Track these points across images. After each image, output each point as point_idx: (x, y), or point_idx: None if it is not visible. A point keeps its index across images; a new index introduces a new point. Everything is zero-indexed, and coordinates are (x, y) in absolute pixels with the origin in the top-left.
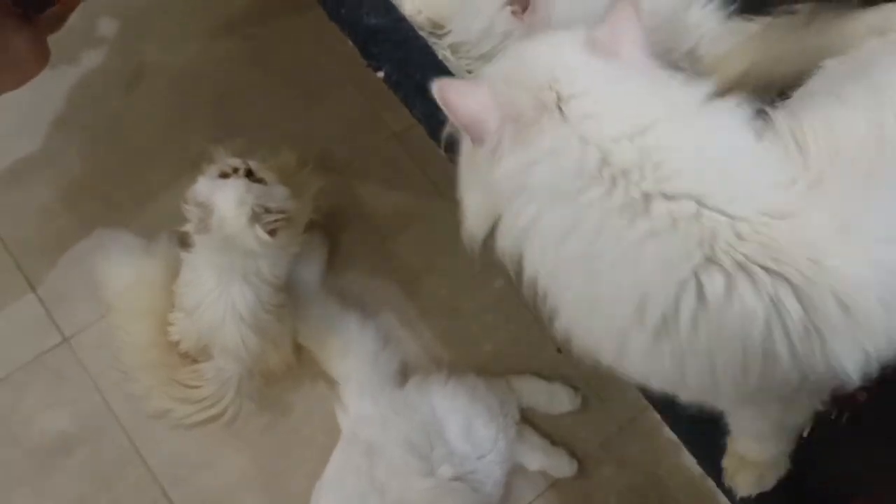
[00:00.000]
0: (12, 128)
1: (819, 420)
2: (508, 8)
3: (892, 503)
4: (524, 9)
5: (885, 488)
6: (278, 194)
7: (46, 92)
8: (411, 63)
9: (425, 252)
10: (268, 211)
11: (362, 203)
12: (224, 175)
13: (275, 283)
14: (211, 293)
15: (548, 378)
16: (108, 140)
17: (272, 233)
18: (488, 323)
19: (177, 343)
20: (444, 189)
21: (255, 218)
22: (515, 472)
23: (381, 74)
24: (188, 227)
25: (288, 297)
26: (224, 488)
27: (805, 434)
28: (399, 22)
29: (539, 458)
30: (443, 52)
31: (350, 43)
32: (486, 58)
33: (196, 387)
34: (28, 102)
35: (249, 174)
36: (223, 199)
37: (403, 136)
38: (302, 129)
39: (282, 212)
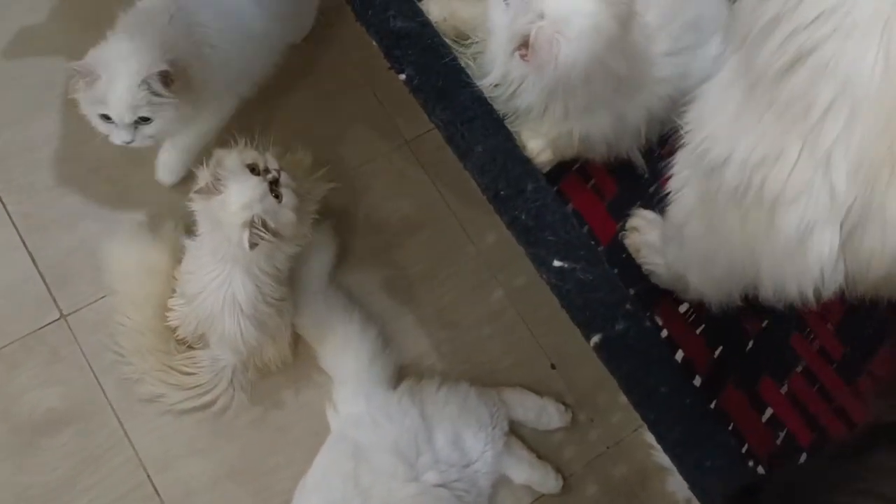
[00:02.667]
0: (24, 105)
1: None
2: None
3: None
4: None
5: None
6: (285, 218)
7: (59, 71)
8: (434, 68)
9: (428, 260)
10: (265, 226)
11: (370, 207)
12: (253, 168)
13: (276, 276)
14: (212, 282)
15: (539, 393)
16: None
17: (252, 246)
18: (484, 335)
19: (174, 329)
20: (451, 200)
21: (250, 225)
22: (500, 484)
23: (402, 77)
24: (194, 192)
25: (290, 291)
26: (209, 478)
27: None
28: (424, 27)
29: (525, 472)
30: (466, 61)
31: (369, 47)
32: (512, 99)
33: (190, 374)
34: (39, 82)
35: (275, 183)
36: (238, 191)
37: (415, 145)
38: (314, 131)
39: (276, 234)
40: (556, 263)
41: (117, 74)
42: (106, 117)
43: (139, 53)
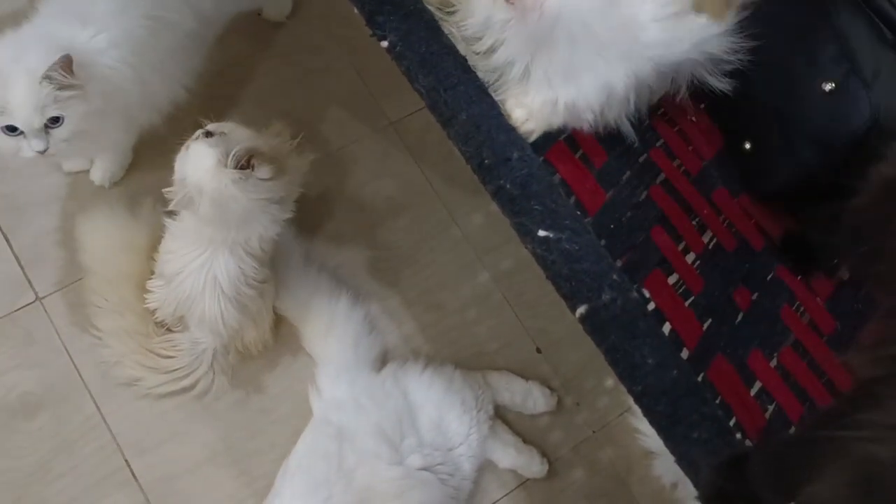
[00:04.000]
0: None
1: None
2: None
3: None
4: None
5: None
6: (240, 136)
7: None
8: (416, 36)
9: (412, 242)
10: (233, 155)
11: (353, 188)
12: (188, 148)
13: (261, 258)
14: (193, 262)
15: (525, 377)
16: None
17: (245, 168)
18: (469, 318)
19: (153, 311)
20: (436, 182)
21: (221, 164)
22: (485, 469)
23: (385, 44)
24: (173, 206)
25: (272, 273)
26: (188, 463)
27: None
28: None
29: (510, 457)
30: (449, 29)
31: (351, 27)
32: (491, 51)
33: (169, 357)
34: None
35: (208, 135)
36: (189, 164)
37: (399, 125)
38: (298, 111)
39: (249, 149)
40: (542, 233)
41: (13, 77)
42: (11, 129)
43: (32, 49)
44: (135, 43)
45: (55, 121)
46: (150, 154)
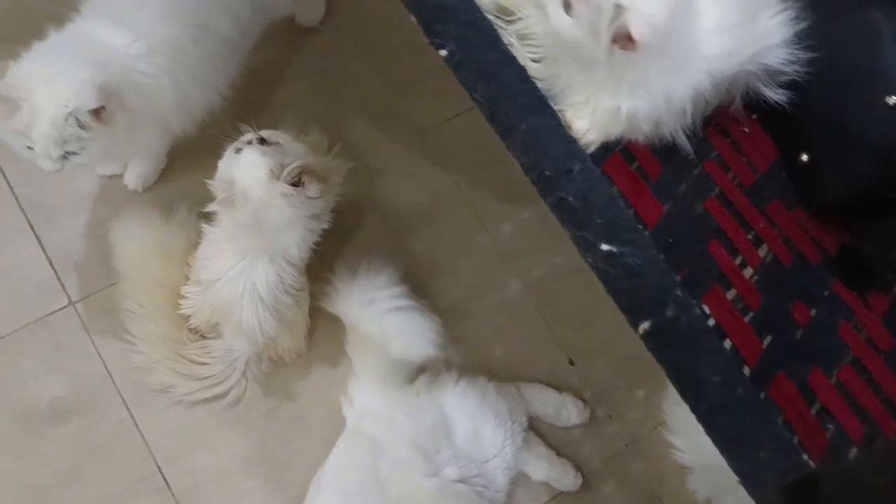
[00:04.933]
0: None
1: None
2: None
3: None
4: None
5: None
6: (294, 150)
7: None
8: (475, 45)
9: (442, 250)
10: (285, 166)
11: (383, 195)
12: (239, 151)
13: (299, 266)
14: (231, 269)
15: (556, 388)
16: None
17: (297, 184)
18: (500, 327)
19: (187, 318)
20: (467, 189)
21: (274, 176)
22: (518, 482)
23: (443, 53)
24: (214, 205)
25: (307, 281)
26: (220, 470)
27: None
28: (466, 1)
29: (543, 469)
30: (509, 38)
31: (381, 32)
32: (554, 61)
33: (202, 364)
34: None
35: (262, 142)
36: (240, 169)
37: (430, 133)
38: (331, 116)
39: (302, 165)
40: (604, 247)
41: (41, 104)
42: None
43: (67, 75)
44: (175, 50)
45: (73, 152)
46: (183, 158)
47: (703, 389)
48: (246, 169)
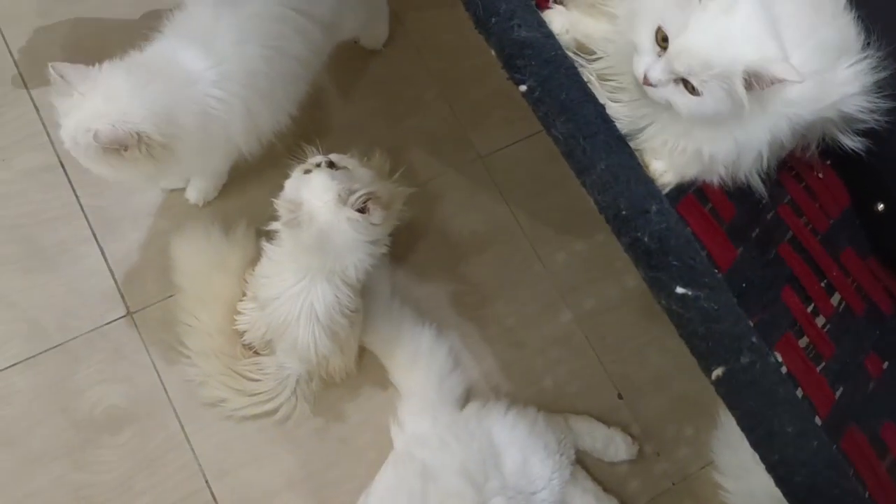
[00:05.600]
0: None
1: None
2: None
3: None
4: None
5: None
6: (362, 176)
7: None
8: (556, 82)
9: (496, 278)
10: (353, 192)
11: (440, 220)
12: (308, 172)
13: (356, 287)
14: (291, 288)
15: (604, 422)
16: None
17: (363, 210)
18: (551, 357)
19: (241, 333)
20: (522, 218)
21: (342, 201)
22: None
23: (523, 88)
24: (277, 224)
25: (362, 303)
26: (267, 488)
27: None
28: (548, 38)
29: None
30: (588, 76)
31: (446, 58)
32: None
33: (255, 380)
34: None
35: (331, 165)
36: (309, 191)
37: (488, 160)
38: (390, 139)
39: (369, 191)
40: (680, 290)
41: (78, 104)
42: None
43: (113, 98)
44: (248, 74)
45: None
46: (244, 174)
47: (777, 441)
48: (314, 191)
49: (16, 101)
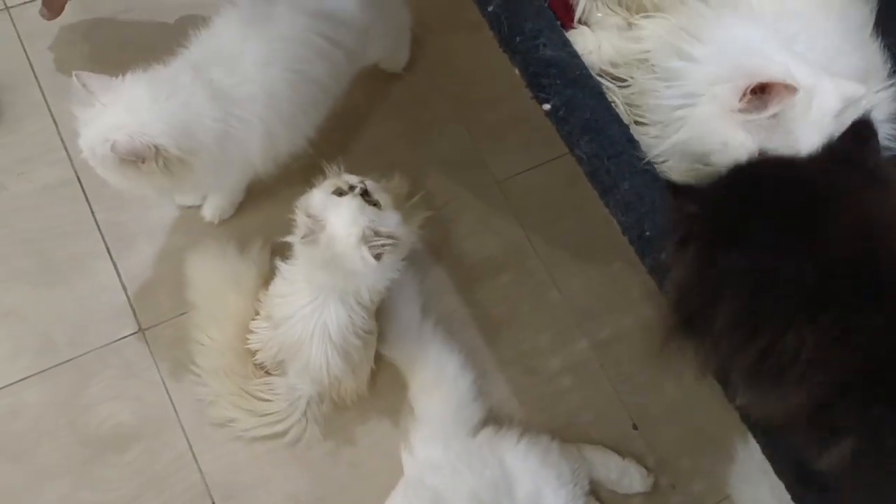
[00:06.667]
0: None
1: None
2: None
3: None
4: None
5: None
6: (390, 220)
7: None
8: (581, 102)
9: (511, 303)
10: (377, 234)
11: (455, 244)
12: (339, 192)
13: (370, 309)
14: (304, 308)
15: (618, 453)
16: None
17: (378, 257)
18: (565, 385)
19: (254, 353)
20: (538, 244)
21: (364, 240)
22: None
23: (546, 107)
24: (294, 237)
25: (377, 324)
26: None
27: None
28: (574, 58)
29: None
30: (613, 98)
31: (463, 83)
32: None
33: (265, 400)
34: None
35: (365, 194)
36: (337, 216)
37: (505, 185)
38: (408, 162)
39: (391, 237)
40: None
41: (98, 114)
42: None
43: (134, 110)
44: (271, 95)
45: None
46: (261, 193)
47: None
48: (342, 219)
49: (35, 116)
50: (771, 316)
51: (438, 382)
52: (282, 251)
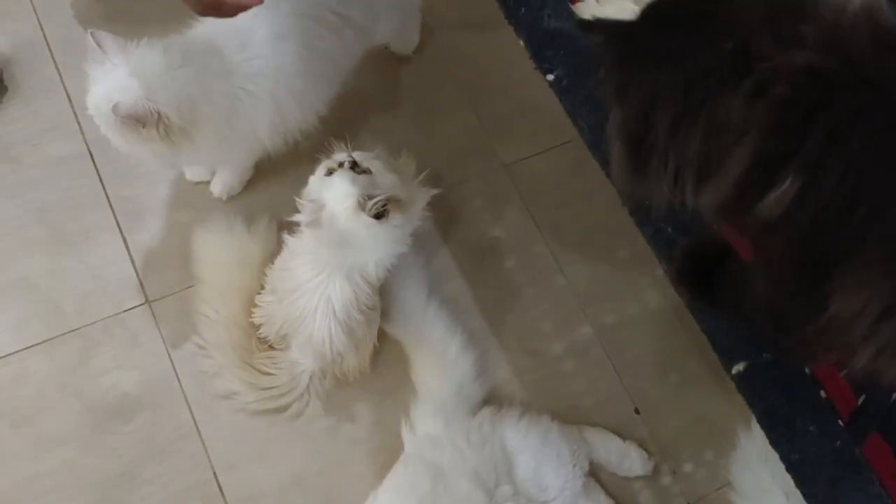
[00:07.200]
0: None
1: None
2: None
3: None
4: None
5: None
6: (384, 182)
7: None
8: (584, 72)
9: (516, 286)
10: (371, 198)
11: (462, 227)
12: (331, 172)
13: (374, 285)
14: (309, 282)
15: (622, 437)
16: None
17: (379, 216)
18: (568, 369)
19: (258, 327)
20: (545, 228)
21: (360, 207)
22: None
23: (550, 77)
24: (299, 218)
25: (381, 301)
26: (274, 484)
27: None
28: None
29: None
30: None
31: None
32: None
33: (268, 374)
34: None
35: (354, 166)
36: (331, 195)
37: (512, 169)
38: (416, 144)
39: (390, 199)
40: None
41: (108, 73)
42: None
43: (143, 75)
44: (282, 70)
45: None
46: (270, 170)
47: (798, 439)
48: (335, 196)
49: (50, 90)
50: (699, 101)
51: (441, 360)
52: (289, 228)
